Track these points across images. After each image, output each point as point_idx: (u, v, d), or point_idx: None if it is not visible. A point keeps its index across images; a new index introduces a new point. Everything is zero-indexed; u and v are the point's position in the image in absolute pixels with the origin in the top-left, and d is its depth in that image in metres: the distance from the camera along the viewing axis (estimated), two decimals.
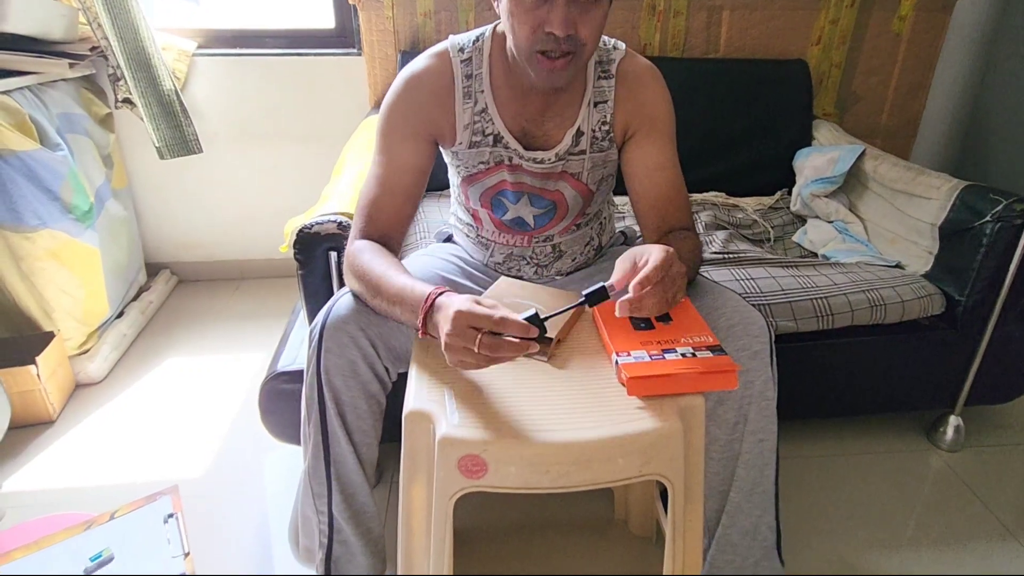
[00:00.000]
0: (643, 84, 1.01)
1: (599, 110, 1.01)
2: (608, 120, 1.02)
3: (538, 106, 1.00)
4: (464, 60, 1.00)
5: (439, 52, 1.01)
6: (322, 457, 0.93)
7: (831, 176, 1.72)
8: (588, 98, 1.01)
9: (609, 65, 1.01)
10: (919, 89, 2.08)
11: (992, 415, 1.59)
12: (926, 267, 1.44)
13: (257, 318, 2.01)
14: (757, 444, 0.92)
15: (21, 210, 1.48)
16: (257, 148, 2.09)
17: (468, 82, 1.00)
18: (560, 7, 0.83)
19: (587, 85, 1.01)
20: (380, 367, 0.93)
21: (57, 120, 1.62)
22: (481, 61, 1.00)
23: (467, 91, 1.00)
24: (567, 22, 0.83)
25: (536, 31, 0.86)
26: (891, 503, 1.34)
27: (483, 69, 1.00)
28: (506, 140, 1.01)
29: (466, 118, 1.00)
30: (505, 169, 1.03)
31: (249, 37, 2.00)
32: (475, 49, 1.00)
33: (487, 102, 1.00)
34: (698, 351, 0.78)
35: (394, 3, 1.85)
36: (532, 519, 1.28)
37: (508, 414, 0.72)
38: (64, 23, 1.69)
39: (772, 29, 1.96)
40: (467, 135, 1.01)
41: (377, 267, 0.89)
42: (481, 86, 1.00)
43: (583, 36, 0.86)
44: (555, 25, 0.83)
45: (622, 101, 1.01)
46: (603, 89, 1.01)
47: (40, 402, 1.51)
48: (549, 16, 0.84)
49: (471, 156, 1.03)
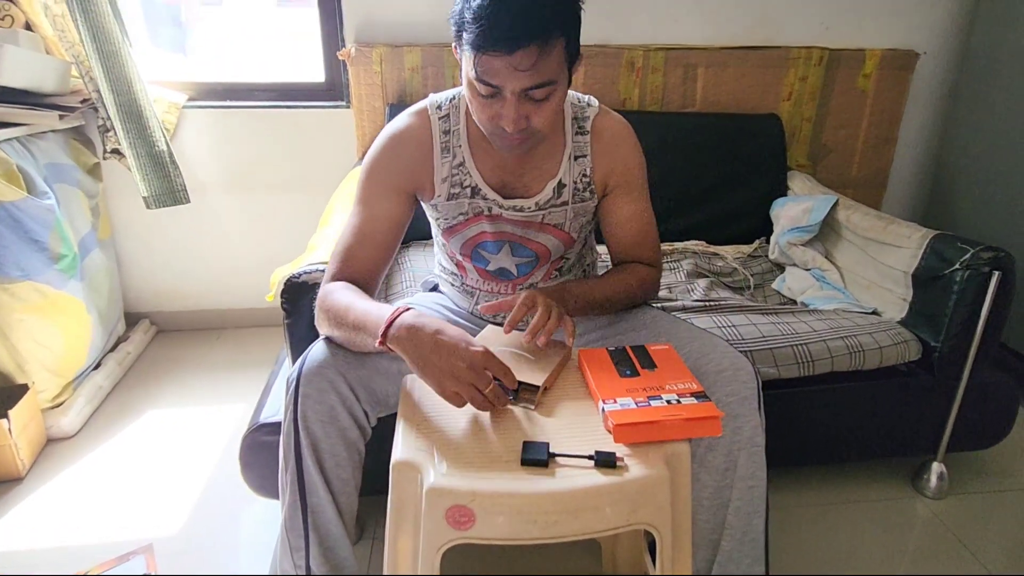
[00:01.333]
0: (617, 141, 1.06)
1: (579, 163, 1.05)
2: (588, 174, 1.06)
3: (516, 160, 1.03)
4: (442, 117, 1.04)
5: (419, 110, 1.05)
6: (299, 508, 0.90)
7: (807, 225, 1.77)
8: (568, 152, 1.05)
9: (584, 122, 1.05)
10: (886, 142, 2.18)
11: (975, 461, 1.60)
12: (901, 314, 1.48)
13: (237, 369, 1.98)
14: (747, 491, 0.91)
15: (3, 262, 1.46)
16: (244, 198, 2.11)
17: (446, 137, 1.03)
18: (511, 106, 0.86)
19: (566, 139, 1.05)
20: (359, 412, 0.92)
21: (45, 170, 1.63)
22: (459, 118, 1.04)
23: (445, 146, 1.03)
24: (518, 119, 0.88)
25: (492, 120, 0.90)
26: (878, 552, 1.33)
27: (460, 125, 1.04)
28: (484, 191, 1.04)
29: (444, 171, 1.03)
30: (484, 220, 1.06)
31: (239, 90, 2.04)
32: (452, 107, 1.04)
33: (464, 156, 1.03)
34: (682, 398, 0.79)
35: (383, 58, 1.91)
36: (517, 574, 1.25)
37: (496, 464, 0.72)
38: (56, 76, 1.72)
39: (745, 85, 2.05)
40: (445, 188, 1.04)
41: (343, 299, 0.91)
42: (459, 141, 1.03)
43: (536, 124, 0.90)
44: (506, 121, 0.88)
45: (599, 156, 1.06)
46: (581, 144, 1.05)
47: (9, 458, 1.46)
48: (502, 111, 0.88)
49: (450, 208, 1.06)
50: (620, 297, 1.06)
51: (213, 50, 3.06)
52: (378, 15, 1.95)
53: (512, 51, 0.81)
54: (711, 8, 2.03)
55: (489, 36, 0.81)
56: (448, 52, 1.92)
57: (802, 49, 2.04)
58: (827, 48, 2.05)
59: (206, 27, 3.09)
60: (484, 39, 0.81)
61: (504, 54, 0.81)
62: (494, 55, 0.82)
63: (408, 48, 1.91)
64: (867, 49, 2.06)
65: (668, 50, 2.00)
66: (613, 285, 1.06)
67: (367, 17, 1.95)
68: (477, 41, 0.82)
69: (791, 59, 2.04)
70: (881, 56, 2.06)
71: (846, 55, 2.05)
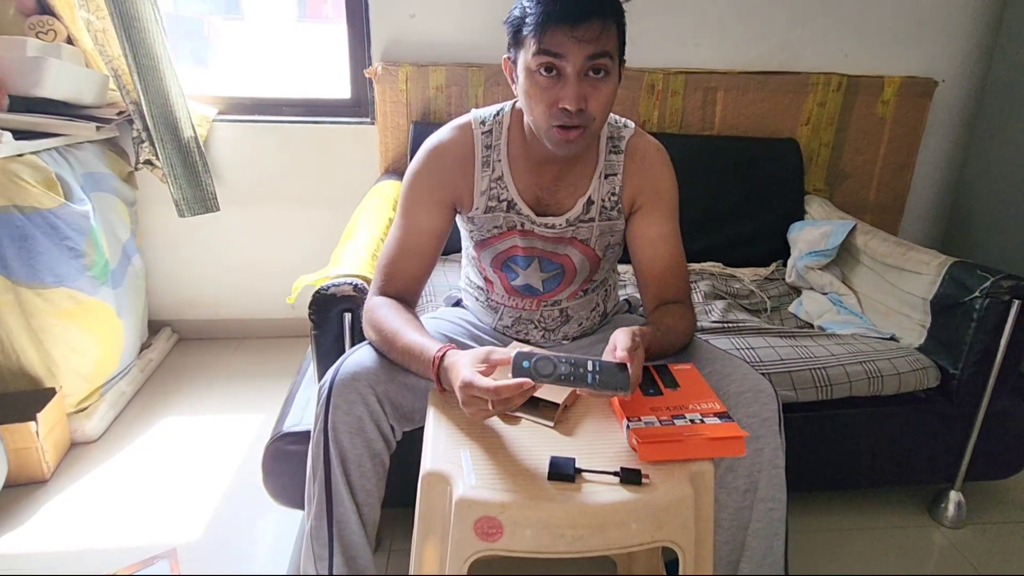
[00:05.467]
0: (651, 161, 1.08)
1: (609, 182, 1.07)
2: (617, 192, 1.08)
3: (552, 177, 1.06)
4: (485, 132, 1.07)
5: (462, 124, 1.08)
6: (325, 517, 0.93)
7: (824, 249, 1.78)
8: (600, 170, 1.07)
9: (619, 141, 1.08)
10: (904, 168, 2.19)
11: (994, 491, 1.59)
12: (920, 340, 1.48)
13: (257, 378, 2.01)
14: (767, 512, 0.92)
15: (38, 267, 1.51)
16: (269, 210, 2.15)
17: (487, 152, 1.06)
18: (571, 84, 0.90)
19: (599, 158, 1.07)
20: (386, 425, 0.94)
21: (82, 178, 1.68)
22: (500, 133, 1.07)
23: (486, 160, 1.06)
24: (578, 98, 0.90)
25: (551, 107, 0.92)
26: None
27: (502, 140, 1.07)
28: (519, 207, 1.06)
29: (483, 185, 1.06)
30: (517, 234, 1.08)
31: (268, 105, 2.10)
32: (495, 122, 1.07)
33: (503, 170, 1.06)
34: (706, 417, 0.80)
35: (408, 77, 1.96)
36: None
37: (523, 477, 0.73)
38: (95, 89, 1.77)
39: (764, 110, 2.08)
40: (483, 201, 1.07)
41: (391, 323, 0.96)
42: (499, 156, 1.06)
43: (592, 110, 0.93)
44: (567, 100, 0.90)
45: (630, 175, 1.08)
46: (613, 163, 1.08)
47: (35, 460, 1.48)
48: (561, 93, 0.91)
49: (486, 221, 1.08)
50: (678, 345, 1.03)
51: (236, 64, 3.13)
52: (405, 35, 2.00)
53: (576, 23, 0.87)
54: (731, 33, 2.07)
55: (554, 11, 0.87)
56: (472, 72, 1.96)
57: (821, 75, 2.06)
58: (846, 74, 2.07)
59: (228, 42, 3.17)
60: (549, 15, 0.87)
61: (568, 26, 0.87)
62: (558, 28, 0.87)
63: (433, 67, 1.96)
64: (886, 76, 2.08)
65: (688, 74, 2.03)
66: (679, 335, 1.01)
67: (394, 37, 2.00)
68: (541, 19, 0.87)
69: (810, 84, 2.06)
70: (900, 83, 2.07)
71: (865, 81, 2.08)
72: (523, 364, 0.76)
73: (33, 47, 1.62)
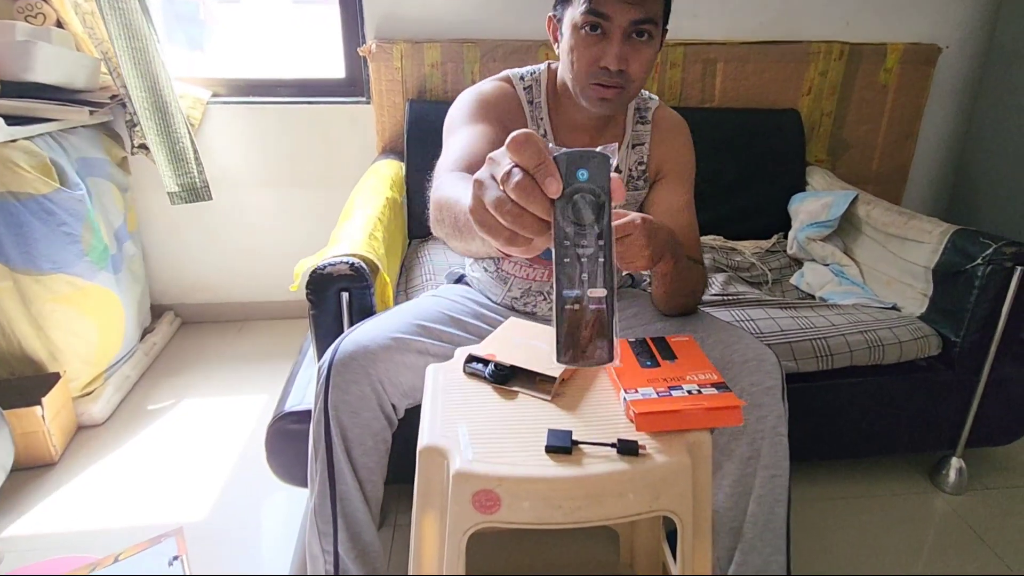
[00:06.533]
0: (675, 133, 1.11)
1: (636, 152, 1.09)
2: (644, 161, 1.10)
3: (581, 144, 1.05)
4: (526, 87, 1.07)
5: (502, 77, 1.09)
6: (328, 495, 0.94)
7: (826, 220, 1.77)
8: (628, 141, 1.09)
9: (646, 112, 1.10)
10: (907, 137, 2.16)
11: (995, 457, 1.59)
12: (921, 309, 1.47)
13: (260, 360, 2.02)
14: (770, 479, 0.93)
15: (35, 254, 1.51)
16: (266, 192, 2.14)
17: (531, 108, 1.07)
18: (615, 44, 0.91)
19: (626, 130, 1.09)
20: (387, 403, 0.95)
21: (76, 164, 1.67)
22: (540, 91, 1.07)
23: (532, 116, 1.07)
24: (620, 57, 0.91)
25: (592, 65, 0.94)
26: (896, 547, 1.33)
27: (542, 98, 1.07)
28: None
29: None
30: None
31: (262, 86, 2.08)
32: (533, 79, 1.08)
33: (547, 129, 1.07)
34: (703, 388, 0.80)
35: (403, 54, 1.93)
36: (537, 563, 1.27)
37: (520, 450, 0.74)
38: (86, 73, 1.76)
39: (764, 80, 2.04)
40: None
41: (451, 193, 0.72)
42: (541, 114, 1.07)
43: (632, 72, 0.94)
44: (609, 60, 0.92)
45: (656, 145, 1.10)
46: (640, 133, 1.10)
47: (43, 444, 1.50)
48: (605, 52, 0.92)
49: None
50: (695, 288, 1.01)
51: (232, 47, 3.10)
52: (398, 11, 1.97)
53: None
54: (731, 3, 2.03)
55: None
56: (468, 47, 1.93)
57: (822, 44, 2.03)
58: (848, 43, 2.03)
59: (224, 24, 3.14)
60: None
61: None
62: None
63: (428, 44, 1.93)
64: (889, 43, 2.05)
65: (687, 45, 2.00)
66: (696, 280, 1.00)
67: (387, 13, 1.97)
68: None
69: (811, 54, 2.03)
70: (903, 50, 2.04)
71: (867, 49, 2.04)
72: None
73: (22, 31, 1.60)
